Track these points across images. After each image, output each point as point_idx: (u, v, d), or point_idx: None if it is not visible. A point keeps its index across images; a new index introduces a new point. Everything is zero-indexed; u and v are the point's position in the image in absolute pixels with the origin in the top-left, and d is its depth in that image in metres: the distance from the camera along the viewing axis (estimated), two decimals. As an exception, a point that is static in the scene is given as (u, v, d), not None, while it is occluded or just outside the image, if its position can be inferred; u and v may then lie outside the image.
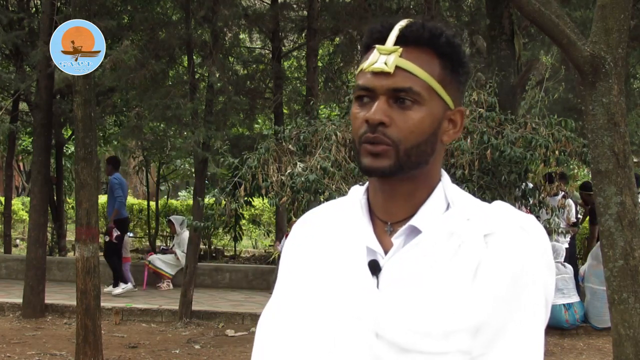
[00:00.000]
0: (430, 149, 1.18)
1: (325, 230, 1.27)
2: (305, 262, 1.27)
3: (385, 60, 1.15)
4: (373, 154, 1.15)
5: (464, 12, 10.96)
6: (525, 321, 1.15)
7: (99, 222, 6.23)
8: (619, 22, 3.52)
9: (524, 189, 6.05)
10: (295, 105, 12.48)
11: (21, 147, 16.19)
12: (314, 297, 1.22)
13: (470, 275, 1.13)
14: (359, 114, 1.18)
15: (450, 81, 1.18)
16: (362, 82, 1.17)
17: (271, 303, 1.33)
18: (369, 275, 1.17)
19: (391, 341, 1.14)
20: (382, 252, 1.20)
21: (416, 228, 1.18)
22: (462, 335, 1.12)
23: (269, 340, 1.29)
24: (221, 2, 8.56)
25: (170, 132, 10.32)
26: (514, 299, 1.14)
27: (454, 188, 1.24)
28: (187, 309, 8.28)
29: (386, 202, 1.22)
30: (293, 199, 5.76)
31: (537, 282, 1.16)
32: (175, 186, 23.55)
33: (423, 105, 1.15)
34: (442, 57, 1.17)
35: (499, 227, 1.17)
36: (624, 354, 3.51)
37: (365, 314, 1.16)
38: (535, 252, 1.16)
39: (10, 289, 9.77)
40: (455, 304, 1.12)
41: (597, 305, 7.89)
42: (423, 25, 1.17)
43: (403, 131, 1.14)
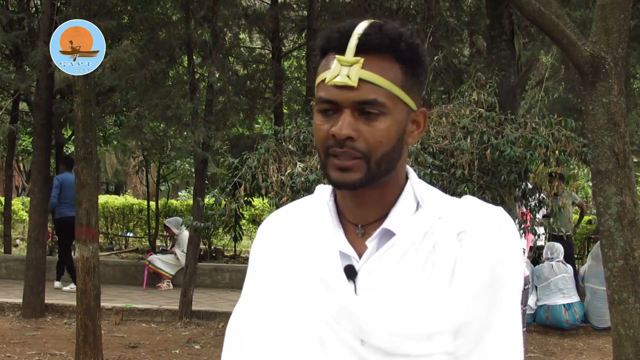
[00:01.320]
0: (397, 155, 1.18)
1: (294, 232, 1.25)
2: (275, 266, 1.25)
3: (347, 72, 1.13)
4: (341, 168, 1.14)
5: (464, 12, 10.95)
6: (505, 316, 1.15)
7: (98, 222, 6.23)
8: (619, 22, 3.52)
9: (524, 189, 6.05)
10: (295, 105, 12.48)
11: (21, 147, 16.19)
12: (288, 304, 1.20)
13: (448, 276, 1.13)
14: (323, 127, 1.16)
15: (412, 84, 1.18)
16: (325, 94, 1.15)
17: (241, 308, 1.31)
18: (345, 280, 1.16)
19: (376, 346, 1.13)
20: (356, 256, 1.19)
21: (389, 230, 1.18)
22: (445, 336, 1.12)
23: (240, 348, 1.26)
24: (221, 2, 8.56)
25: (170, 132, 10.32)
26: (493, 294, 1.14)
27: (421, 185, 1.23)
28: (187, 309, 8.29)
29: (356, 207, 1.21)
30: (293, 199, 5.75)
31: (513, 275, 1.16)
32: (175, 186, 23.57)
33: (388, 115, 1.14)
34: (403, 62, 1.16)
35: (472, 223, 1.16)
36: (624, 354, 3.51)
37: (346, 320, 1.14)
38: (509, 245, 1.16)
39: (10, 289, 9.77)
40: (435, 305, 1.12)
41: (597, 305, 7.89)
42: (381, 31, 1.14)
43: (371, 143, 1.13)
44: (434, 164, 5.27)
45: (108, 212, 15.70)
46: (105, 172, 24.59)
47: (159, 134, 10.91)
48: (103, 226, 15.12)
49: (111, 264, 11.41)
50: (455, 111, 5.73)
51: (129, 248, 14.85)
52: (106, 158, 23.25)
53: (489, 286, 1.13)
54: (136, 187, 22.37)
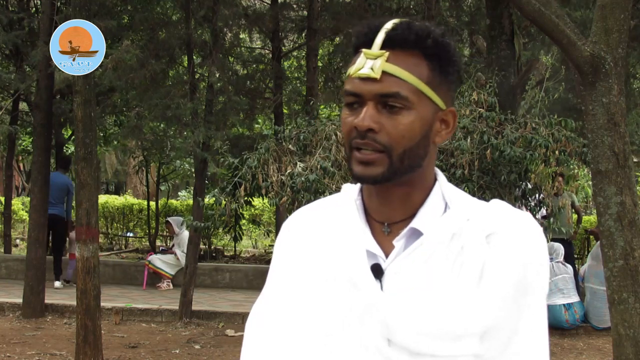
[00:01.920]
0: (422, 152, 1.17)
1: (320, 230, 1.25)
2: (300, 263, 1.24)
3: (371, 65, 1.13)
4: (364, 162, 1.14)
5: (464, 12, 10.96)
6: (533, 320, 1.15)
7: (98, 222, 6.24)
8: (619, 22, 3.52)
9: (524, 189, 6.05)
10: (295, 105, 12.49)
11: (21, 147, 16.19)
12: (313, 301, 1.20)
13: (476, 278, 1.13)
14: (348, 119, 1.16)
15: (440, 82, 1.17)
16: (350, 87, 1.16)
17: (262, 303, 1.31)
18: (372, 279, 1.15)
19: (402, 345, 1.12)
20: (383, 255, 1.18)
21: (417, 230, 1.17)
22: (472, 338, 1.12)
23: (261, 343, 1.26)
24: (221, 2, 8.56)
25: (170, 132, 10.32)
26: (521, 298, 1.14)
27: (450, 188, 1.23)
28: (187, 309, 8.29)
29: (382, 205, 1.21)
30: (293, 199, 5.76)
31: (541, 279, 1.16)
32: (175, 186, 23.57)
33: (412, 110, 1.14)
34: (430, 59, 1.15)
35: (500, 226, 1.16)
36: (624, 354, 3.51)
37: (373, 319, 1.14)
38: (536, 249, 1.16)
39: (10, 289, 9.77)
40: (463, 307, 1.11)
41: (597, 305, 7.89)
42: (409, 27, 1.14)
43: (393, 136, 1.13)
44: (434, 164, 5.27)
45: (108, 212, 15.71)
46: (105, 172, 24.59)
47: (159, 134, 10.91)
48: (103, 226, 15.12)
49: (111, 264, 11.41)
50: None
51: (129, 248, 14.85)
52: (106, 158, 23.26)
53: (517, 289, 1.13)
54: (136, 187, 22.37)
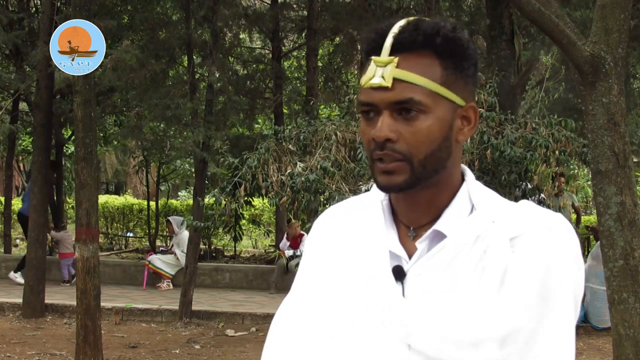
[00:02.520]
0: (445, 154, 1.14)
1: (347, 229, 1.24)
2: (326, 262, 1.24)
3: (382, 73, 1.11)
4: (386, 172, 1.12)
5: (464, 12, 10.96)
6: (555, 325, 1.11)
7: (98, 222, 6.24)
8: (619, 22, 3.52)
9: (524, 189, 6.05)
10: (295, 105, 12.48)
11: (21, 147, 16.19)
12: (335, 301, 1.19)
13: (498, 282, 1.10)
14: (367, 130, 1.14)
15: (456, 79, 1.13)
16: (364, 97, 1.14)
17: (288, 302, 1.29)
18: (393, 281, 1.14)
19: (421, 350, 1.11)
20: (406, 257, 1.17)
21: (440, 232, 1.15)
22: (491, 344, 1.09)
23: (284, 341, 1.26)
24: (221, 2, 8.57)
25: (170, 132, 10.32)
26: (543, 304, 1.10)
27: (478, 187, 1.20)
28: (187, 309, 8.28)
29: (408, 209, 1.19)
30: (293, 199, 5.76)
31: (566, 282, 1.12)
32: (175, 186, 23.56)
33: (429, 113, 1.11)
34: (443, 57, 1.12)
35: (525, 229, 1.13)
36: (624, 354, 3.51)
37: (391, 321, 1.13)
38: (562, 252, 1.12)
39: (10, 289, 9.77)
40: (483, 312, 1.09)
41: (597, 305, 7.88)
42: (417, 27, 1.12)
43: (412, 144, 1.11)
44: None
45: (108, 212, 15.71)
46: (105, 172, 24.59)
47: (159, 134, 10.92)
48: (103, 226, 15.13)
49: (111, 264, 11.41)
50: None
51: (129, 248, 14.85)
52: (106, 158, 23.25)
53: (539, 295, 1.10)
54: (136, 187, 22.37)
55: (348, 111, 6.63)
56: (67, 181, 16.51)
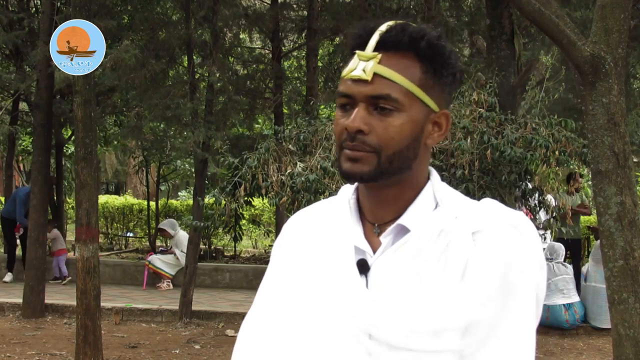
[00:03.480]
0: (412, 154, 1.17)
1: (315, 230, 1.27)
2: (293, 262, 1.27)
3: (364, 67, 1.14)
4: (352, 159, 1.15)
5: (464, 12, 10.95)
6: (515, 319, 1.14)
7: (98, 222, 6.24)
8: (619, 22, 3.52)
9: (524, 189, 6.05)
10: (295, 105, 12.48)
11: (21, 147, 16.18)
12: (302, 297, 1.22)
13: (459, 274, 1.13)
14: (340, 121, 1.17)
15: (433, 84, 1.17)
16: (343, 88, 1.17)
17: (256, 302, 1.33)
18: (357, 274, 1.17)
19: (381, 339, 1.14)
20: (370, 251, 1.20)
21: (405, 227, 1.18)
22: (452, 334, 1.12)
23: (254, 339, 1.29)
24: (221, 2, 8.56)
25: (170, 132, 10.32)
26: (503, 298, 1.13)
27: (443, 187, 1.23)
28: (187, 309, 8.28)
29: (373, 206, 1.22)
30: (293, 199, 5.76)
31: (527, 279, 1.15)
32: (175, 186, 23.56)
33: (403, 112, 1.14)
34: (424, 61, 1.16)
35: (488, 224, 1.16)
36: (624, 354, 3.51)
37: (355, 313, 1.16)
38: (524, 249, 1.15)
39: (10, 289, 9.77)
40: (444, 303, 1.12)
41: (600, 304, 7.85)
42: (404, 29, 1.15)
43: (383, 138, 1.14)
44: (434, 164, 5.27)
45: (108, 212, 15.70)
46: (105, 172, 24.59)
47: (159, 134, 10.92)
48: (103, 226, 15.11)
49: (111, 264, 11.40)
50: (455, 111, 5.73)
51: (129, 248, 14.84)
52: (106, 158, 23.25)
53: (499, 288, 1.13)
54: (136, 187, 22.36)
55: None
56: (67, 181, 16.50)
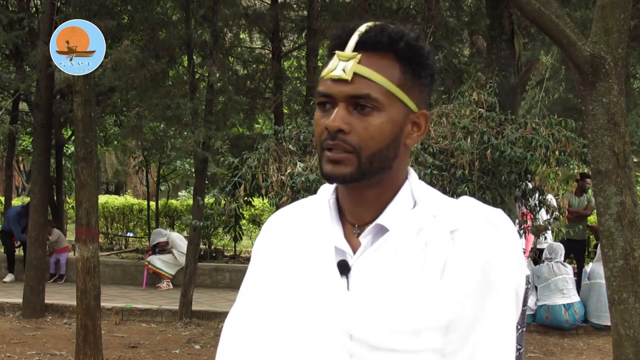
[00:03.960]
0: (392, 154, 1.18)
1: (294, 230, 1.27)
2: (273, 263, 1.27)
3: (343, 67, 1.15)
4: (333, 160, 1.16)
5: (464, 12, 10.95)
6: (495, 316, 1.14)
7: (98, 222, 6.24)
8: (619, 22, 3.52)
9: (524, 189, 6.05)
10: (295, 105, 12.48)
11: (21, 147, 16.18)
12: (283, 298, 1.23)
13: (438, 273, 1.14)
14: (320, 121, 1.18)
15: (412, 85, 1.18)
16: (323, 88, 1.18)
17: (237, 303, 1.33)
18: (338, 276, 1.18)
19: (362, 340, 1.14)
20: (350, 252, 1.20)
21: (383, 227, 1.19)
22: (432, 333, 1.13)
23: (235, 341, 1.29)
24: (221, 2, 8.56)
25: (170, 132, 10.32)
26: (483, 295, 1.14)
27: (420, 186, 1.24)
28: (187, 309, 8.28)
29: (353, 206, 1.23)
30: (293, 199, 5.75)
31: (506, 276, 1.15)
32: (175, 186, 23.57)
33: (383, 111, 1.15)
34: (403, 61, 1.17)
35: (465, 222, 1.17)
36: (624, 354, 3.51)
37: (336, 314, 1.16)
38: (502, 246, 1.16)
39: (10, 289, 9.77)
40: (424, 302, 1.13)
41: (604, 301, 7.81)
42: (383, 30, 1.16)
43: (363, 138, 1.14)
44: (434, 164, 5.27)
45: (108, 212, 15.69)
46: (105, 172, 24.59)
47: (159, 134, 10.92)
48: (103, 226, 15.11)
49: (111, 264, 11.41)
50: (455, 111, 5.73)
51: (129, 248, 14.84)
52: (106, 158, 23.25)
53: (479, 286, 1.13)
54: (136, 187, 22.37)
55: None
56: (67, 181, 16.51)
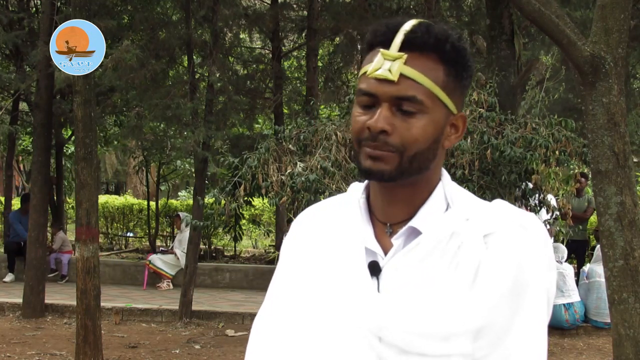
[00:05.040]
0: (432, 155, 1.17)
1: (324, 229, 1.26)
2: (303, 262, 1.26)
3: (389, 66, 1.13)
4: (373, 157, 1.14)
5: (464, 12, 10.96)
6: (527, 321, 1.13)
7: (98, 222, 6.25)
8: (619, 22, 3.52)
9: (524, 189, 6.05)
10: (295, 105, 12.49)
11: (21, 147, 16.18)
12: (312, 298, 1.21)
13: (471, 277, 1.13)
14: (360, 118, 1.16)
15: (454, 87, 1.17)
16: (365, 86, 1.15)
17: (266, 302, 1.32)
18: (368, 277, 1.17)
19: (392, 343, 1.13)
20: (381, 253, 1.19)
21: (416, 229, 1.18)
22: (463, 338, 1.11)
23: (264, 340, 1.29)
24: (221, 2, 8.57)
25: (170, 132, 10.32)
26: (515, 300, 1.13)
27: (453, 187, 1.23)
28: (187, 309, 8.28)
29: (386, 205, 1.21)
30: (293, 199, 5.76)
31: (538, 280, 1.14)
32: (175, 186, 23.56)
33: (426, 114, 1.14)
34: (447, 63, 1.15)
35: (499, 226, 1.16)
36: (624, 354, 3.51)
37: (366, 316, 1.15)
38: (535, 250, 1.15)
39: (10, 289, 9.77)
40: (455, 307, 1.12)
41: (604, 297, 7.79)
42: (428, 30, 1.14)
43: (406, 139, 1.13)
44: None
45: (108, 212, 15.70)
46: (105, 172, 24.59)
47: (159, 134, 10.92)
48: (103, 226, 15.11)
49: (111, 264, 11.41)
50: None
51: (129, 248, 14.85)
52: (106, 158, 23.25)
53: (511, 290, 1.12)
54: (136, 187, 22.37)
55: (348, 111, 6.63)
56: (67, 181, 16.50)
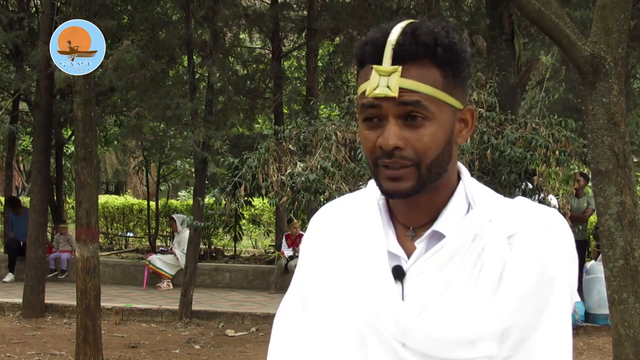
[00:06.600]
0: (448, 157, 1.16)
1: (346, 230, 1.25)
2: (325, 264, 1.24)
3: (386, 82, 1.12)
4: (393, 178, 1.13)
5: (464, 12, 10.96)
6: (552, 318, 1.13)
7: (98, 222, 6.25)
8: (619, 22, 3.52)
9: (524, 189, 6.05)
10: (295, 105, 12.49)
11: (21, 147, 16.19)
12: (335, 301, 1.20)
13: (496, 280, 1.12)
14: (370, 137, 1.15)
15: (454, 84, 1.16)
16: (368, 105, 1.14)
17: (287, 304, 1.31)
18: (392, 281, 1.16)
19: (416, 349, 1.12)
20: (405, 257, 1.18)
21: (439, 232, 1.17)
22: (488, 342, 1.11)
23: (286, 341, 1.28)
24: (221, 2, 8.57)
25: (170, 132, 10.33)
26: (539, 299, 1.12)
27: (474, 185, 1.22)
28: (187, 309, 8.28)
29: (407, 210, 1.21)
30: (293, 198, 5.76)
31: (562, 277, 1.14)
32: (175, 186, 23.57)
33: (433, 120, 1.13)
34: (441, 65, 1.14)
35: (522, 226, 1.15)
36: (624, 354, 3.51)
37: (390, 321, 1.14)
38: (558, 247, 1.15)
39: (10, 289, 9.77)
40: (481, 311, 1.11)
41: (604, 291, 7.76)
42: (415, 38, 1.12)
43: (420, 150, 1.12)
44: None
45: (108, 212, 15.71)
46: (105, 172, 24.60)
47: (159, 134, 10.93)
48: (103, 226, 15.12)
49: (111, 264, 11.41)
50: (455, 111, 5.73)
51: (129, 248, 14.85)
52: (106, 158, 23.26)
53: (535, 290, 1.12)
54: (136, 187, 22.38)
55: (348, 111, 6.63)
56: (67, 181, 16.51)
